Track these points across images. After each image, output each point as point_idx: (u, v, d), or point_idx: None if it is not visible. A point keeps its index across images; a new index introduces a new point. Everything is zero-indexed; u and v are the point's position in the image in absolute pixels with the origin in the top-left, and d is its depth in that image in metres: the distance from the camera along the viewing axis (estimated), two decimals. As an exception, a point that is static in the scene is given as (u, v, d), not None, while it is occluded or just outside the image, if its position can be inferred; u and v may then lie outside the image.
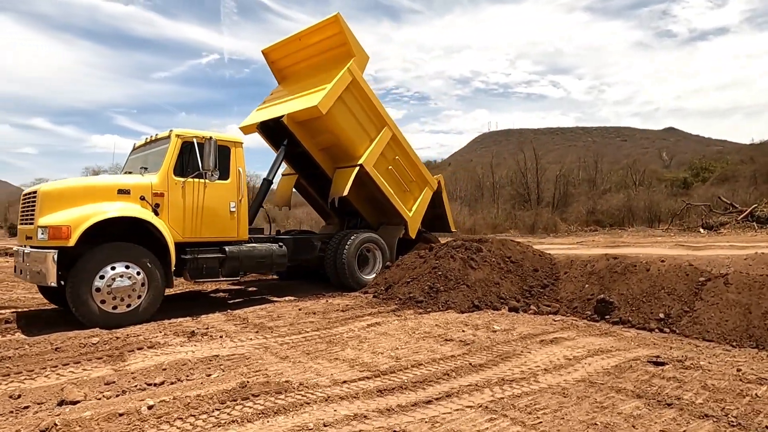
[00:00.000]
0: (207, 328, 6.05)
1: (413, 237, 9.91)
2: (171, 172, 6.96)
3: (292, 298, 8.43)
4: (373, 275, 9.23)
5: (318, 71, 9.53)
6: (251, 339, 5.61)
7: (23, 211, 6.73)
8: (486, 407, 3.51)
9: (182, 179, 7.01)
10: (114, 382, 4.04)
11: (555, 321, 6.61)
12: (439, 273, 8.02)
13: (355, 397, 3.74)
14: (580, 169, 52.00)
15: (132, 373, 4.35)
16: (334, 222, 11.39)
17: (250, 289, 9.77)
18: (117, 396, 3.72)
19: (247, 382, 3.91)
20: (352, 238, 9.08)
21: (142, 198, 6.63)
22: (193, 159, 7.11)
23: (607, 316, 6.73)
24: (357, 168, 9.11)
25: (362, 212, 10.40)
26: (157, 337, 5.58)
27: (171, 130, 7.17)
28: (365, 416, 3.34)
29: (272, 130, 9.62)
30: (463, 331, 5.90)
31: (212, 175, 7.08)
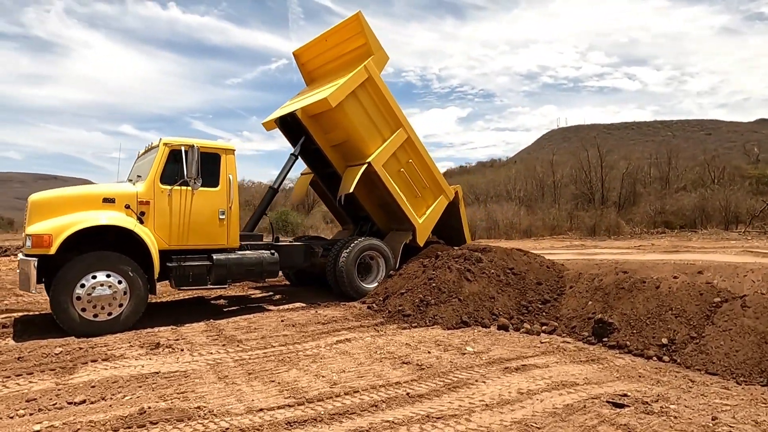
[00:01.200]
0: (176, 340, 6.05)
1: (421, 245, 9.50)
2: (158, 180, 7.03)
3: (288, 306, 8.33)
4: (375, 284, 8.93)
5: (341, 71, 9.48)
6: (211, 353, 5.53)
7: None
8: (380, 451, 3.16)
9: (169, 187, 7.06)
10: (35, 399, 4.06)
11: (542, 342, 6.03)
12: (434, 285, 7.60)
13: (258, 429, 3.51)
14: (651, 166, 48.67)
15: (71, 387, 4.37)
16: (349, 227, 11.23)
17: (253, 295, 9.78)
18: (20, 417, 3.71)
19: (149, 408, 3.78)
20: (352, 245, 8.83)
21: (127, 206, 6.75)
22: (181, 167, 7.15)
23: (604, 339, 6.06)
24: (365, 166, 8.89)
25: (373, 216, 10.15)
26: (120, 348, 5.62)
27: (160, 139, 7.27)
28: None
29: (290, 127, 9.62)
30: (430, 352, 5.49)
31: (195, 182, 7.09)
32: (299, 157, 9.51)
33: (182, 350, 5.61)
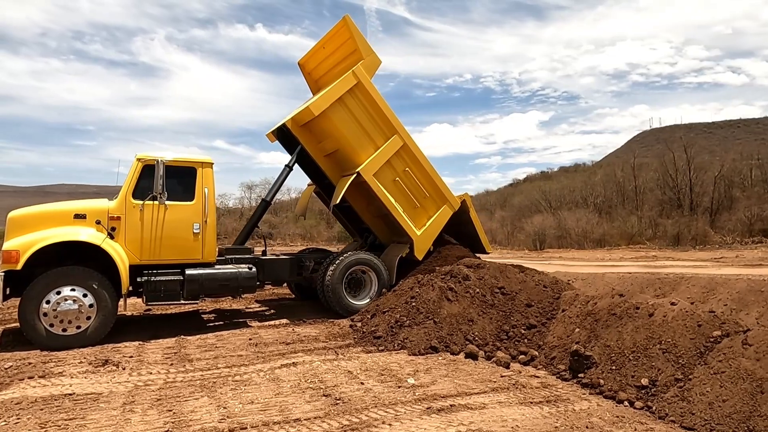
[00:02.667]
0: (131, 357, 6.02)
1: (419, 258, 8.87)
2: (129, 195, 7.09)
3: (272, 322, 8.12)
4: (367, 300, 8.46)
5: (336, 79, 9.21)
6: (150, 374, 5.42)
7: None
8: None
9: (141, 202, 7.11)
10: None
11: (503, 376, 5.30)
12: (414, 304, 7.05)
13: None
14: (753, 168, 43.61)
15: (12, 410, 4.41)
16: (358, 239, 10.88)
17: (252, 308, 9.68)
18: None
19: (7, 436, 3.67)
20: (338, 260, 8.44)
21: (98, 222, 6.87)
22: (153, 182, 7.17)
23: (579, 375, 5.23)
24: (354, 176, 8.53)
25: (373, 228, 9.74)
26: (67, 365, 5.66)
27: (136, 154, 7.35)
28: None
29: (287, 138, 9.46)
30: (363, 383, 4.99)
31: (161, 197, 7.09)
32: (293, 168, 9.27)
33: (124, 369, 5.56)
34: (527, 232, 37.94)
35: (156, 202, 7.15)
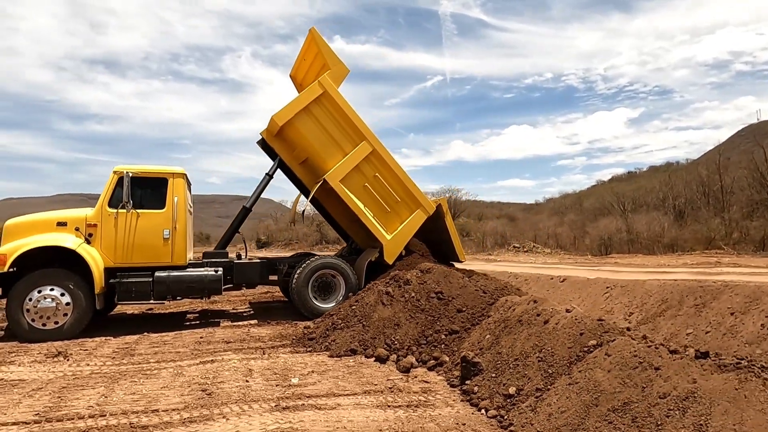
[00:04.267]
0: (85, 350, 6.73)
1: (390, 263, 8.94)
2: (106, 204, 7.88)
3: (239, 323, 8.61)
4: (333, 304, 8.68)
5: None
6: (87, 365, 6.05)
7: None
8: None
9: (115, 210, 7.89)
10: None
11: (389, 380, 5.34)
12: (354, 308, 7.21)
13: None
14: None
15: None
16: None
17: (235, 310, 10.23)
18: None
19: None
20: (304, 264, 8.75)
21: (77, 229, 7.72)
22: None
23: (467, 381, 5.13)
24: (320, 182, 8.83)
25: (350, 233, 9.97)
26: (24, 355, 6.47)
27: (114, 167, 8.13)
28: None
29: (268, 147, 9.94)
30: (248, 380, 5.26)
31: (127, 206, 7.80)
32: (273, 176, 9.70)
33: (67, 360, 6.25)
34: (593, 236, 36.06)
35: (133, 210, 7.88)
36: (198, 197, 10.07)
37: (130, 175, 7.88)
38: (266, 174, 9.61)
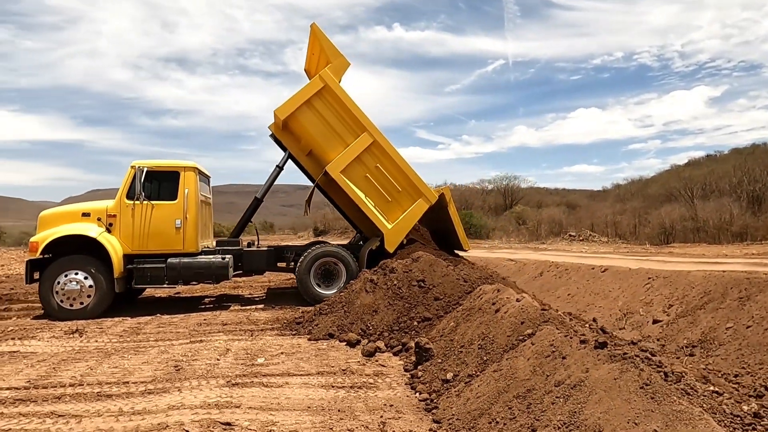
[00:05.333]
0: (99, 328, 7.48)
1: (390, 251, 9.12)
2: (124, 196, 8.63)
3: (245, 307, 9.15)
4: (335, 290, 8.97)
5: None
6: (96, 341, 6.76)
7: None
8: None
9: (132, 202, 8.62)
10: None
11: (348, 362, 5.60)
12: (341, 294, 7.52)
13: None
14: None
15: None
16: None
17: (251, 295, 10.79)
18: None
19: None
20: (307, 252, 9.14)
21: (99, 219, 8.54)
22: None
23: (419, 366, 5.30)
24: (322, 174, 9.15)
25: (356, 223, 10.23)
26: (45, 331, 7.30)
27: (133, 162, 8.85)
28: None
29: (280, 141, 10.34)
30: (218, 360, 5.71)
31: (140, 197, 8.50)
32: (284, 168, 10.11)
33: (81, 336, 7.00)
34: (654, 225, 34.22)
35: (148, 202, 8.60)
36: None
37: (145, 169, 8.56)
38: (277, 166, 10.06)
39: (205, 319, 8.05)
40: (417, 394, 4.63)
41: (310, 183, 10.32)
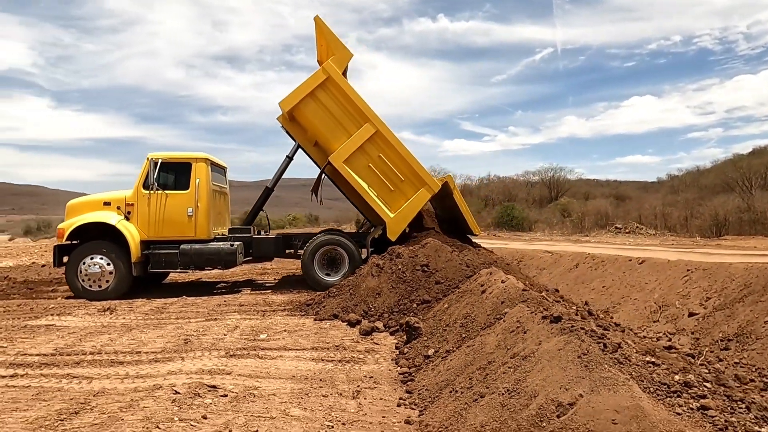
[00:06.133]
0: (129, 307, 8.10)
1: (393, 239, 9.26)
2: (140, 186, 9.23)
3: (265, 291, 9.61)
4: (338, 277, 9.22)
5: None
6: (124, 318, 7.36)
7: None
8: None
9: (148, 192, 9.22)
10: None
11: (344, 339, 5.88)
12: (350, 278, 7.83)
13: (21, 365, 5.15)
14: None
15: (28, 326, 6.78)
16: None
17: (273, 280, 11.22)
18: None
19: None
20: (311, 240, 9.49)
21: (118, 207, 9.21)
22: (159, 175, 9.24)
23: (408, 344, 5.52)
24: (326, 164, 9.44)
25: (363, 212, 10.46)
26: (81, 308, 7.98)
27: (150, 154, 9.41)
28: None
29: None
30: (225, 335, 6.11)
31: (153, 187, 9.10)
32: (293, 158, 10.42)
33: (111, 314, 7.62)
34: (706, 216, 32.67)
35: (163, 191, 9.19)
36: (309, 181, 11.15)
37: (159, 161, 9.17)
38: (287, 156, 10.42)
39: (225, 301, 8.55)
40: (399, 368, 4.86)
41: None
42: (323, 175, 10.84)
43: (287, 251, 9.96)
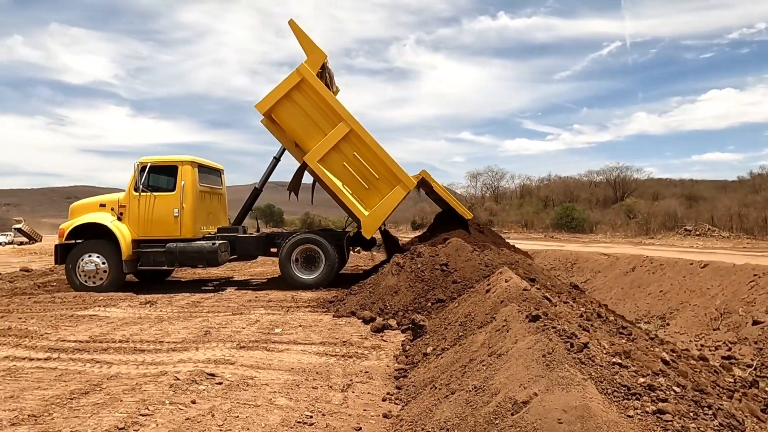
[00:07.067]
0: (168, 301, 8.63)
1: (367, 237, 9.44)
2: (131, 189, 9.85)
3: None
4: (314, 276, 9.54)
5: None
6: (160, 311, 7.85)
7: None
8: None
9: (138, 194, 9.80)
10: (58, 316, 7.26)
11: (353, 335, 5.99)
12: (372, 276, 7.94)
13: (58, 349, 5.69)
14: None
15: (77, 315, 7.43)
16: None
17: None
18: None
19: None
20: (287, 240, 9.72)
21: (112, 209, 9.86)
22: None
23: (414, 341, 5.56)
24: (303, 164, 9.72)
25: (343, 209, 10.60)
26: (124, 301, 8.58)
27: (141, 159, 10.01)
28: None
29: None
30: (243, 329, 6.38)
31: (140, 190, 9.69)
32: (280, 159, 10.71)
33: (150, 306, 8.15)
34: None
35: (149, 193, 9.77)
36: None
37: (149, 165, 9.78)
38: (274, 157, 10.70)
39: (256, 297, 8.90)
40: (397, 364, 4.90)
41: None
42: (303, 173, 10.84)
43: (272, 249, 10.19)
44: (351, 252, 10.83)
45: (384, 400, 4.01)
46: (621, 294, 12.98)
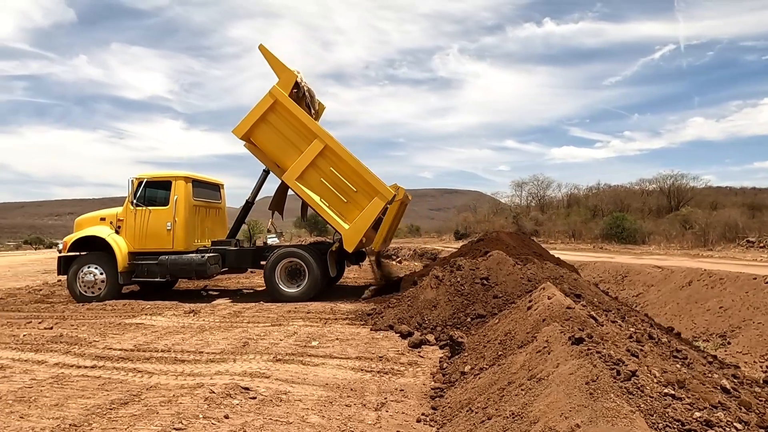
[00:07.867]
0: (211, 311, 8.79)
1: (350, 251, 9.32)
2: (129, 203, 10.12)
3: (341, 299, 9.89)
4: (297, 289, 9.58)
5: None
6: (201, 320, 8.01)
7: None
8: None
9: (134, 208, 10.07)
10: (108, 325, 7.55)
11: (390, 350, 5.86)
12: (410, 289, 7.82)
13: (108, 358, 5.89)
14: None
15: (125, 323, 7.71)
16: None
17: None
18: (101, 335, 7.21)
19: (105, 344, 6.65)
20: (272, 253, 9.71)
21: (111, 223, 10.17)
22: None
23: (450, 359, 5.40)
24: (281, 183, 9.81)
25: (327, 224, 10.51)
26: (170, 310, 8.79)
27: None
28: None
29: None
30: (281, 340, 6.38)
31: (133, 204, 9.97)
32: (270, 172, 10.62)
33: (194, 315, 8.32)
34: None
35: (146, 207, 10.03)
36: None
37: (144, 180, 10.06)
38: (263, 170, 10.65)
39: (295, 308, 8.92)
40: (434, 383, 4.75)
41: (458, 187, 10.72)
42: (286, 192, 10.88)
43: (261, 262, 10.22)
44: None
45: (418, 421, 3.88)
46: (676, 309, 12.28)
